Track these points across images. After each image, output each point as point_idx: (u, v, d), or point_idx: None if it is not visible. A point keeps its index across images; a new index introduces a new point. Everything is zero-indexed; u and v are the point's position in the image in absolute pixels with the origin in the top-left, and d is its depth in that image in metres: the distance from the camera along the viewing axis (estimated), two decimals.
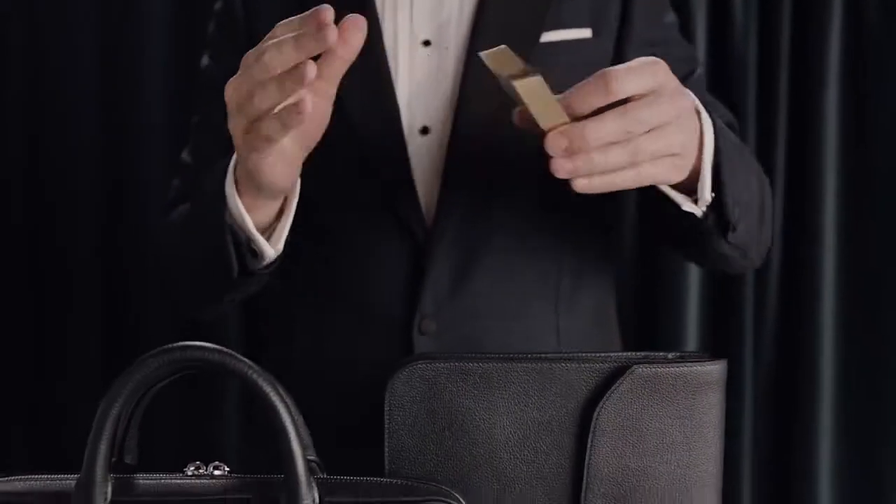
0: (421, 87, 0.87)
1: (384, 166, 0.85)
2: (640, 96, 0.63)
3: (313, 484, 0.55)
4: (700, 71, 0.97)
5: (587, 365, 0.64)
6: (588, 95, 0.63)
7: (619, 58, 0.89)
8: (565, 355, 0.66)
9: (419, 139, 0.86)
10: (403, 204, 0.85)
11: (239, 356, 0.54)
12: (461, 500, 0.59)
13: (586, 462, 0.64)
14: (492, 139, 0.84)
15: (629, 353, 0.66)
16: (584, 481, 0.64)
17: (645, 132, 0.64)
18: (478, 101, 0.84)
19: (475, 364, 0.65)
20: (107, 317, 1.53)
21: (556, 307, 0.88)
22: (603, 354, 0.65)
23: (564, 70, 0.78)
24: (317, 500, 0.55)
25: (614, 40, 0.90)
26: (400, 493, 0.58)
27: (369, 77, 0.85)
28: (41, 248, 1.58)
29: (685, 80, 0.84)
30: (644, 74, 0.64)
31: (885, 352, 1.51)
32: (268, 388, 0.54)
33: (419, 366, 0.64)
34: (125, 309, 1.53)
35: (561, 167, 0.63)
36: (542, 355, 0.65)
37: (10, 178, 1.58)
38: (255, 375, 0.54)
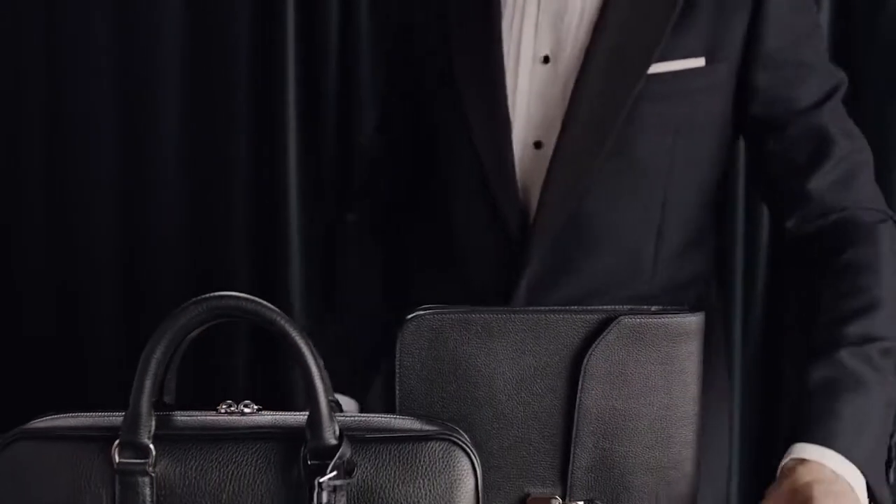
0: (537, 103, 0.94)
1: (494, 176, 0.94)
2: None
3: (334, 419, 0.62)
4: (843, 88, 0.93)
5: (578, 316, 0.71)
6: None
7: (741, 82, 0.91)
8: (558, 308, 0.73)
9: (532, 152, 0.94)
10: (505, 209, 0.93)
11: (271, 306, 0.61)
12: (464, 436, 0.65)
13: (577, 403, 0.71)
14: (594, 154, 0.91)
15: (616, 306, 0.73)
16: (575, 420, 0.71)
17: None
18: (584, 118, 0.91)
19: (477, 315, 0.71)
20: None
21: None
22: (592, 307, 0.72)
23: (673, 99, 0.89)
24: (336, 433, 0.61)
25: (738, 64, 0.91)
26: (409, 430, 0.65)
27: (487, 92, 0.93)
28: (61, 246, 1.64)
29: (828, 99, 0.90)
30: None
31: None
32: (296, 335, 0.61)
33: (426, 317, 0.71)
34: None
35: None
36: (538, 308, 0.72)
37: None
38: (285, 323, 0.61)
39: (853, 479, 0.72)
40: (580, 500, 0.72)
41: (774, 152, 0.92)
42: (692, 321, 0.72)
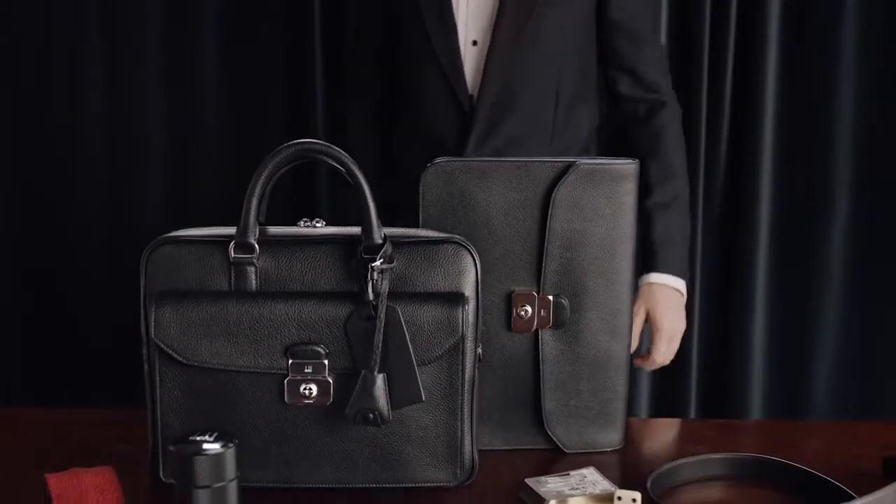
0: (474, 12, 1.40)
1: (447, 66, 1.40)
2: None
3: (381, 227, 0.91)
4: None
5: (549, 163, 1.00)
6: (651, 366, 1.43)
7: None
8: (537, 158, 1.01)
9: (472, 49, 1.41)
10: (457, 90, 1.41)
11: (338, 149, 0.89)
12: (468, 245, 0.94)
13: (548, 225, 1.00)
14: (516, 49, 1.38)
15: (576, 157, 1.01)
16: (546, 238, 1.00)
17: None
18: (507, 23, 1.37)
19: (477, 163, 1.00)
20: None
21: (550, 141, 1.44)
22: (561, 158, 1.01)
23: (562, 5, 1.40)
24: (383, 236, 0.90)
25: None
26: (430, 236, 0.94)
27: (438, 6, 1.40)
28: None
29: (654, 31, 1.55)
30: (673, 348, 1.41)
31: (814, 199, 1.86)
32: (356, 170, 0.90)
33: (441, 164, 1.00)
34: None
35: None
36: (519, 158, 1.01)
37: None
38: (348, 161, 0.89)
39: (677, 283, 1.40)
40: (550, 295, 1.02)
41: (621, 25, 1.45)
42: (630, 167, 1.00)
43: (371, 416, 0.88)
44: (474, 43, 1.40)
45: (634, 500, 0.85)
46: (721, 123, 1.83)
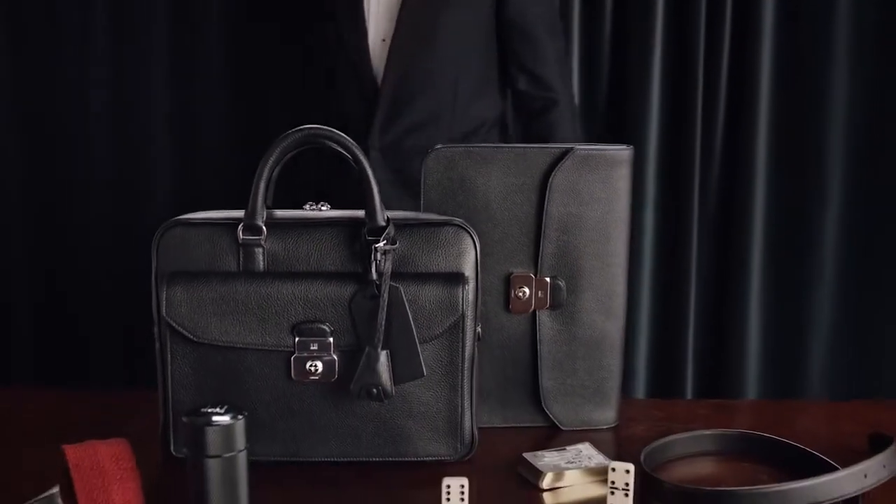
0: (383, 14, 1.58)
1: (357, 62, 1.63)
2: None
3: (384, 210, 0.94)
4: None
5: (547, 149, 1.03)
6: None
7: None
8: (534, 145, 1.04)
9: (381, 45, 1.62)
10: (365, 82, 1.65)
11: (343, 134, 0.92)
12: (468, 227, 0.98)
13: (545, 209, 1.04)
14: (415, 47, 1.57)
15: (573, 143, 1.04)
16: (544, 221, 1.04)
17: None
18: (408, 23, 1.57)
19: (477, 149, 1.03)
20: None
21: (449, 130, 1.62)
22: (556, 145, 1.04)
23: (461, 6, 1.59)
24: (386, 218, 0.94)
25: None
26: (432, 219, 0.97)
27: (352, 9, 1.60)
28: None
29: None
30: None
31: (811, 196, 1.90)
32: (360, 154, 0.93)
33: (442, 149, 1.03)
34: None
35: None
36: (518, 145, 1.04)
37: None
38: (352, 145, 0.93)
39: None
40: (547, 277, 1.05)
41: (514, 23, 1.61)
42: (624, 153, 1.04)
43: (375, 391, 0.91)
44: (384, 40, 1.63)
45: (628, 472, 0.88)
46: (716, 118, 1.87)
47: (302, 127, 0.93)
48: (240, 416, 0.82)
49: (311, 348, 0.93)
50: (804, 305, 1.90)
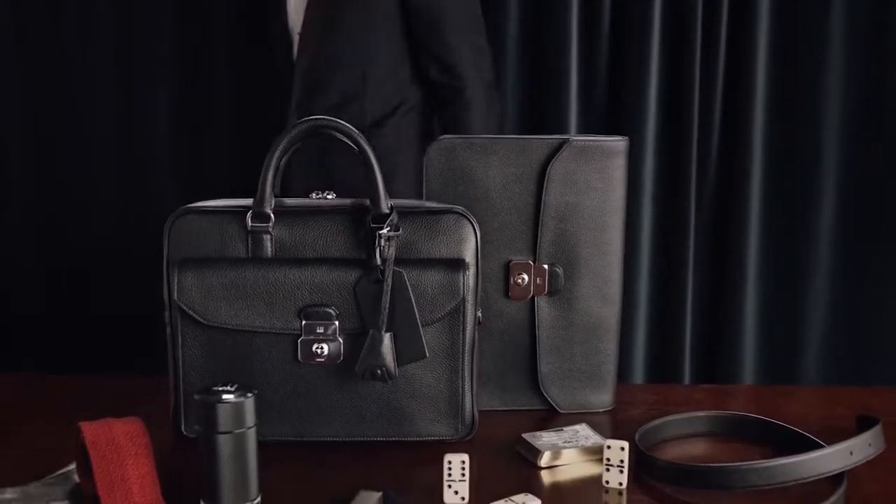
0: (297, 11, 1.76)
1: (279, 52, 1.86)
2: None
3: (388, 198, 0.98)
4: None
5: (545, 140, 1.06)
6: None
7: None
8: (532, 136, 1.08)
9: (297, 36, 1.78)
10: (286, 68, 1.82)
11: (348, 126, 0.96)
12: (469, 215, 1.01)
13: (543, 198, 1.07)
14: (319, 38, 1.70)
15: (571, 135, 1.08)
16: (542, 210, 1.07)
17: None
18: (312, 18, 1.71)
19: (477, 139, 1.07)
20: None
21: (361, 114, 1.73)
22: (554, 135, 1.08)
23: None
24: (389, 205, 0.97)
25: None
26: (433, 207, 1.01)
27: (278, 8, 1.81)
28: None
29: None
30: None
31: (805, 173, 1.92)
32: (364, 144, 0.96)
33: (443, 140, 1.07)
34: None
35: None
36: (518, 136, 1.08)
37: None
38: (356, 135, 0.96)
39: None
40: (545, 264, 1.09)
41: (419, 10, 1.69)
42: (620, 144, 1.07)
43: (379, 372, 0.95)
44: (298, 33, 1.77)
45: (623, 449, 0.92)
46: (713, 111, 1.90)
47: (308, 118, 0.97)
48: (249, 395, 0.86)
49: (318, 331, 0.97)
50: (800, 293, 1.93)
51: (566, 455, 0.97)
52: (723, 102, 1.91)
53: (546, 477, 0.95)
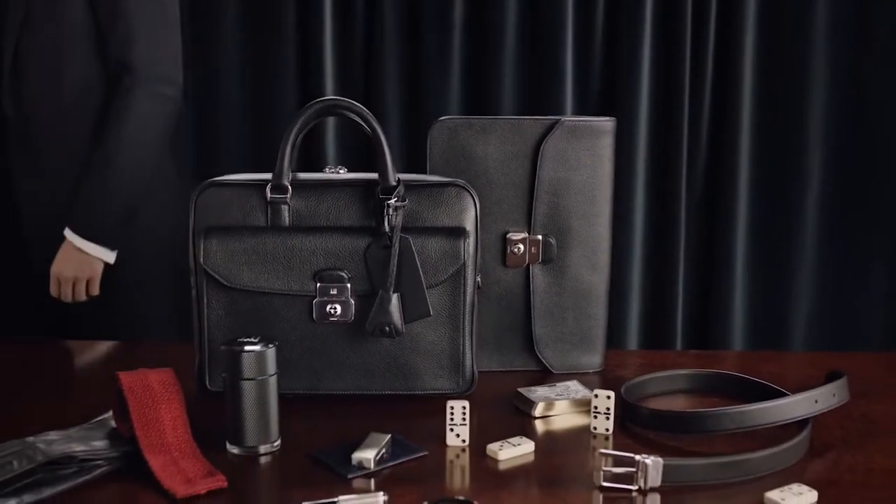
0: None
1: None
2: None
3: (395, 171, 1.07)
4: None
5: (539, 120, 1.16)
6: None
7: None
8: (527, 117, 1.17)
9: None
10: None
11: (359, 105, 1.05)
12: (469, 187, 1.10)
13: (537, 174, 1.16)
14: (16, 34, 1.66)
15: (564, 116, 1.17)
16: (536, 185, 1.17)
17: None
18: (15, 6, 1.67)
19: (476, 119, 1.16)
20: None
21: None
22: (548, 116, 1.17)
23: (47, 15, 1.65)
24: (397, 178, 1.07)
25: None
26: (437, 180, 1.10)
27: None
28: None
29: None
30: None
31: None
32: (373, 121, 1.06)
33: (445, 121, 1.16)
34: None
35: None
36: (514, 117, 1.17)
37: None
38: (367, 114, 1.05)
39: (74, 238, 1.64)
40: (539, 235, 1.18)
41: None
42: (608, 124, 1.16)
43: (387, 328, 1.04)
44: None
45: (609, 397, 1.01)
46: (703, 100, 1.98)
47: (323, 98, 1.06)
48: (271, 346, 0.95)
49: (331, 293, 1.06)
50: (788, 252, 1.97)
51: (558, 406, 1.07)
52: (712, 92, 1.99)
53: (540, 425, 1.05)
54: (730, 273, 1.97)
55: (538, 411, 1.06)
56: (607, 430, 1.02)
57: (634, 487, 0.88)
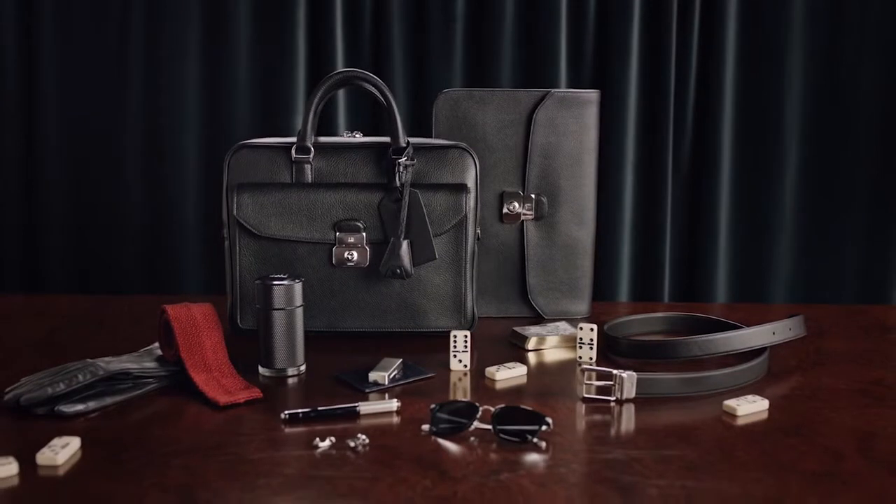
0: None
1: None
2: None
3: (405, 134, 1.22)
4: None
5: (532, 92, 1.31)
6: None
7: None
8: (521, 89, 1.32)
9: None
10: None
11: (374, 76, 1.20)
12: (470, 149, 1.25)
13: (530, 139, 1.31)
14: None
15: (552, 88, 1.32)
16: (529, 149, 1.31)
17: None
18: None
19: (477, 90, 1.31)
20: None
21: None
22: (540, 88, 1.32)
23: None
24: (407, 140, 1.21)
25: None
26: (442, 143, 1.25)
27: None
28: None
29: None
30: None
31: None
32: (387, 91, 1.21)
33: (449, 92, 1.31)
34: None
35: None
36: (509, 88, 1.32)
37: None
38: (381, 85, 1.20)
39: None
40: (532, 194, 1.33)
41: None
42: (593, 95, 1.31)
43: (398, 270, 1.19)
44: None
45: (592, 329, 1.16)
46: (689, 80, 2.09)
47: (343, 70, 1.21)
48: (298, 281, 1.10)
49: (349, 241, 1.21)
50: (768, 223, 2.04)
51: (549, 341, 1.21)
52: (697, 72, 2.08)
53: (532, 357, 1.19)
54: (713, 241, 2.06)
55: (531, 345, 1.21)
56: (591, 359, 1.16)
57: (612, 398, 1.02)
